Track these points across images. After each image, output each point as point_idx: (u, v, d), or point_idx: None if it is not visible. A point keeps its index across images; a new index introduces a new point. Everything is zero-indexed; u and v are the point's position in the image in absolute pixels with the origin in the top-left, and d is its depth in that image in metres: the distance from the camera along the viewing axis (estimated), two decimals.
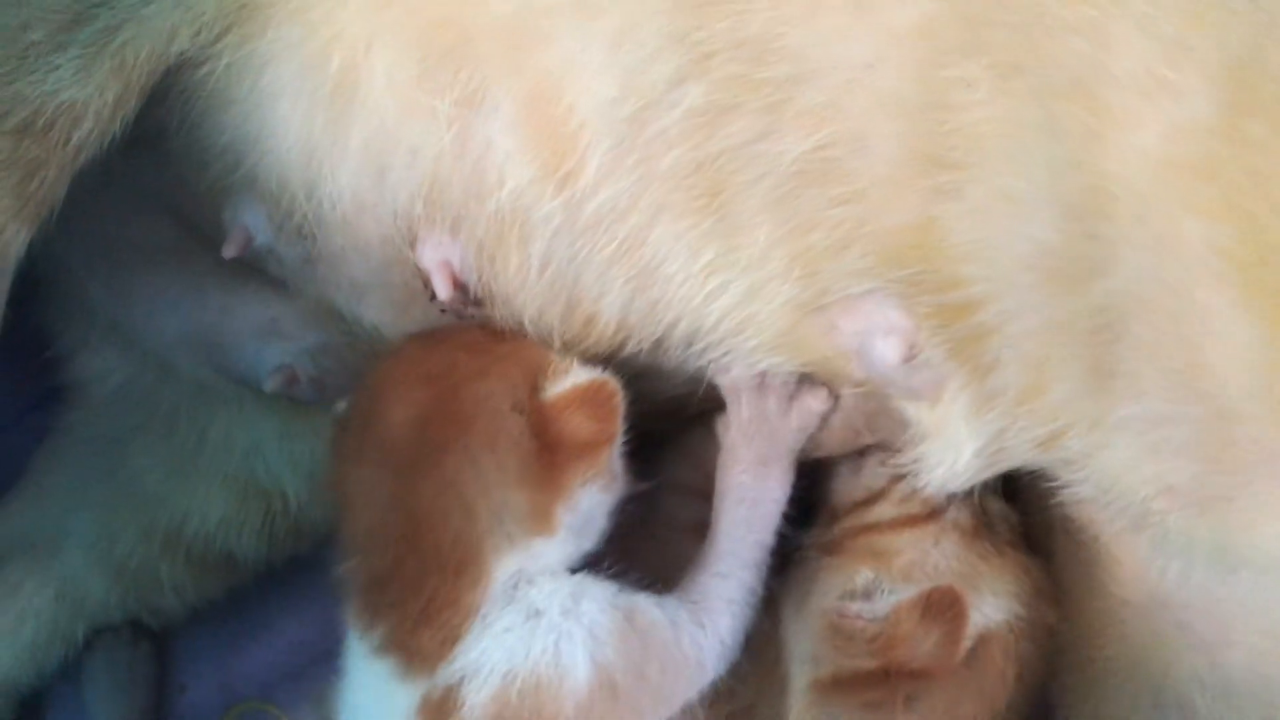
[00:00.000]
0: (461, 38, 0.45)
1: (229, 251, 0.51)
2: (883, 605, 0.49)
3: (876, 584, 0.50)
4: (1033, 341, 0.43)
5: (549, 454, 0.44)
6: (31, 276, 0.49)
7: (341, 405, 0.48)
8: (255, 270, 0.54)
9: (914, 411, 0.47)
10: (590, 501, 0.45)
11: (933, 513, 0.51)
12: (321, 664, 0.56)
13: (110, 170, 0.48)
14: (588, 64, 0.43)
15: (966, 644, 0.48)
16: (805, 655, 0.51)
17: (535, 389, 0.45)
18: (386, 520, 0.44)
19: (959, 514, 0.51)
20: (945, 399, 0.46)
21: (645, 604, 0.45)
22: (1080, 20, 0.39)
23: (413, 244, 0.49)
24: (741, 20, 0.41)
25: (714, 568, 0.47)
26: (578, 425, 0.44)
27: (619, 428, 0.46)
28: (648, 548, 0.51)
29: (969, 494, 0.50)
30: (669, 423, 0.54)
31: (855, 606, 0.49)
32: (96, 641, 0.63)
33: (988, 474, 0.48)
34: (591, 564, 0.47)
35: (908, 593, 0.48)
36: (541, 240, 0.46)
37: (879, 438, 0.51)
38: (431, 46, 0.45)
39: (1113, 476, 0.45)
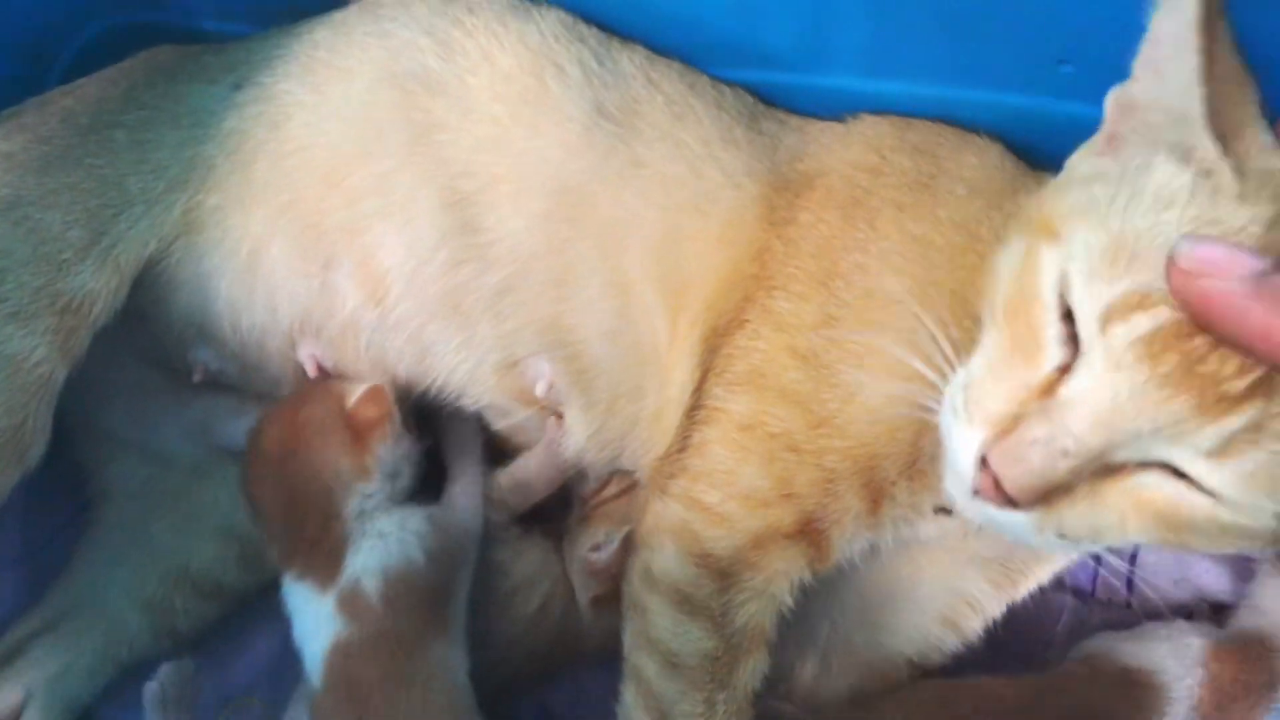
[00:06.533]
0: (321, 232, 0.75)
1: (196, 379, 0.80)
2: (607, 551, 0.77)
3: (608, 538, 0.77)
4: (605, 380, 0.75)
5: (357, 434, 0.73)
6: (64, 428, 0.74)
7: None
8: (216, 382, 0.82)
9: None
10: (388, 453, 0.74)
11: (633, 484, 0.79)
12: (283, 665, 0.81)
13: (115, 344, 0.75)
14: (387, 241, 0.74)
15: None
16: (579, 584, 0.79)
17: (342, 403, 0.74)
18: (278, 501, 0.73)
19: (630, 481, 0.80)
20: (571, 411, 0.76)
21: (436, 510, 0.74)
22: None
23: (294, 348, 0.78)
24: (472, 229, 0.74)
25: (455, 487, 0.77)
26: (367, 412, 0.74)
27: (391, 408, 0.75)
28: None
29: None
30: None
31: (595, 555, 0.78)
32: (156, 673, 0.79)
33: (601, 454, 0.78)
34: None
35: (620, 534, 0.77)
36: (366, 335, 0.76)
37: None
38: (304, 238, 0.75)
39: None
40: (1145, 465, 0.48)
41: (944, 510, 0.60)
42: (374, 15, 0.78)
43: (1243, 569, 0.83)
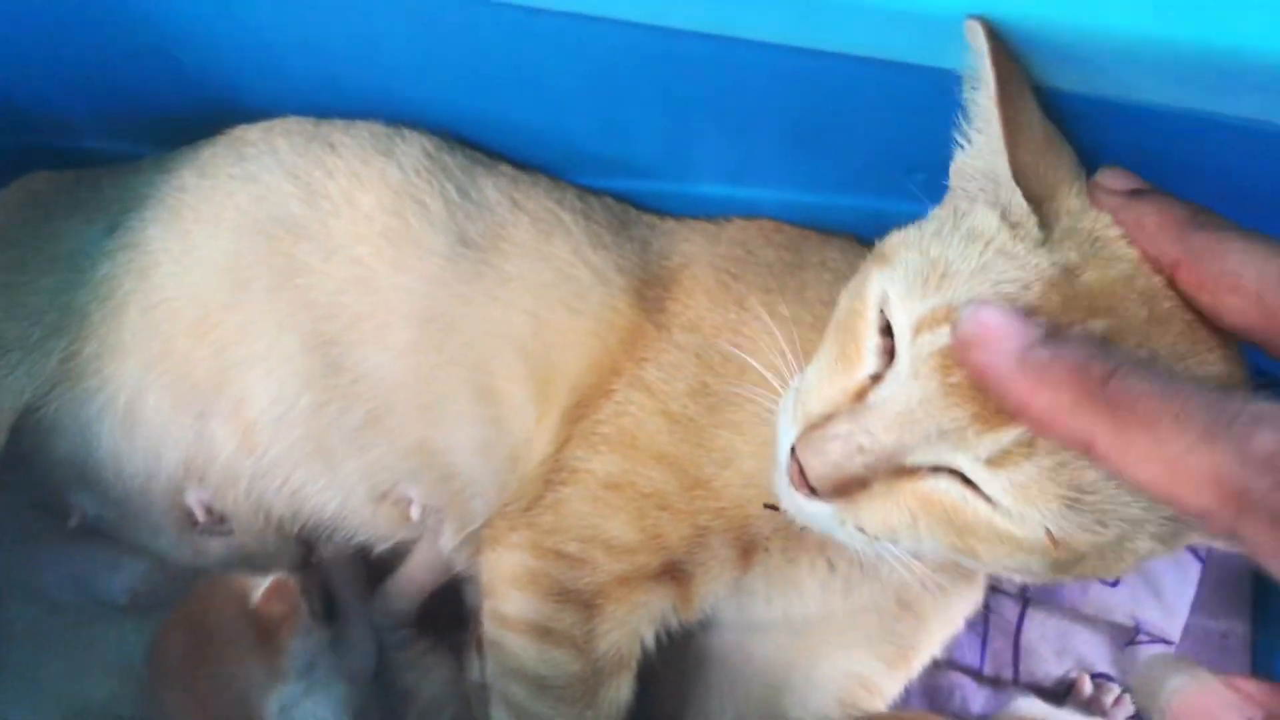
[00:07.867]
0: (193, 383, 0.75)
1: (72, 523, 0.79)
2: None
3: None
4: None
5: (265, 632, 0.71)
6: None
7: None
8: (96, 530, 0.81)
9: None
10: (300, 648, 0.72)
11: None
12: None
13: None
14: (254, 390, 0.74)
15: None
16: (477, 703, 0.78)
17: (245, 601, 0.72)
18: (192, 715, 0.71)
19: None
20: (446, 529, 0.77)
21: (345, 661, 0.76)
22: None
23: (181, 494, 0.78)
24: (336, 370, 0.74)
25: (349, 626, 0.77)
26: (273, 608, 0.72)
27: (298, 600, 0.73)
28: None
29: None
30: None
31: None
32: None
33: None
34: None
35: None
36: (246, 481, 0.76)
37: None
38: (178, 389, 0.75)
39: None
40: (937, 470, 0.52)
41: (772, 506, 0.62)
42: (238, 153, 0.79)
43: (1119, 638, 0.87)
